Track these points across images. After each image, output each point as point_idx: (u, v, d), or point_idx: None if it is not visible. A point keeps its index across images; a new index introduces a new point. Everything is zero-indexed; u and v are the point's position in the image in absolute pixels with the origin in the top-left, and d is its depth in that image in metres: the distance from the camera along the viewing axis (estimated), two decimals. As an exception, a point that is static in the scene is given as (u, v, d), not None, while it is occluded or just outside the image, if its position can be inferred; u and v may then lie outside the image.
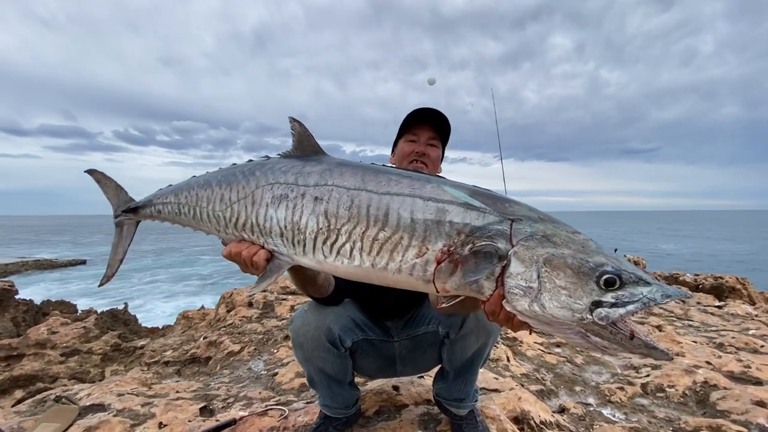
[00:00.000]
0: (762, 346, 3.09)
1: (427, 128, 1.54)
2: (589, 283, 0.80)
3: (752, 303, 6.45)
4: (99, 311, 5.70)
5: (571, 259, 0.83)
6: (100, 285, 1.38)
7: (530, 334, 3.39)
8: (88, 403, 1.86)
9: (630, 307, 0.77)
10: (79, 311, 6.19)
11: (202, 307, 5.90)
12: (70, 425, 1.65)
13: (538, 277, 0.82)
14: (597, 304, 0.79)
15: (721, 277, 7.18)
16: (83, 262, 32.78)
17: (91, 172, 1.48)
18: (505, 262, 0.85)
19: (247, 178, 1.11)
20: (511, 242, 0.86)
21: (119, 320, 5.81)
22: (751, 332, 3.68)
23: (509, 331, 3.41)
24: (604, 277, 0.79)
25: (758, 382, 2.38)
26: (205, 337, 3.77)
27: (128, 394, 1.97)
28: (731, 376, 2.49)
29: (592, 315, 0.79)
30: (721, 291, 7.01)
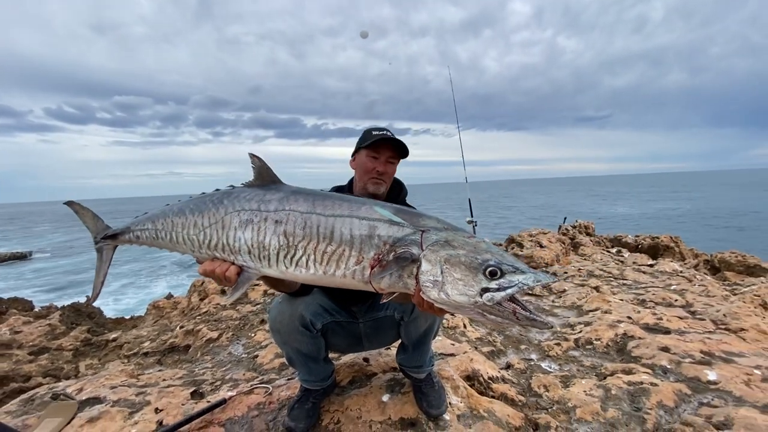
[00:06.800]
0: (676, 300, 3.63)
1: (388, 148, 1.70)
2: (478, 275, 1.06)
3: (683, 259, 7.24)
4: (60, 306, 5.62)
5: (464, 257, 1.10)
6: (87, 305, 1.54)
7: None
8: (84, 398, 2.02)
9: (509, 290, 1.05)
10: (36, 307, 6.06)
11: (170, 296, 5.92)
12: (72, 418, 1.81)
13: (442, 272, 1.08)
14: (485, 290, 1.05)
15: (657, 237, 7.98)
16: (24, 257, 30.29)
17: (69, 204, 1.64)
18: (419, 263, 1.12)
19: (217, 206, 1.33)
20: (422, 247, 1.13)
21: (83, 314, 5.74)
22: (672, 287, 4.19)
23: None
24: (489, 269, 1.06)
25: (667, 332, 2.87)
26: (181, 327, 3.89)
27: (121, 386, 2.13)
28: (647, 327, 2.97)
29: (482, 298, 1.05)
30: (657, 250, 7.80)
